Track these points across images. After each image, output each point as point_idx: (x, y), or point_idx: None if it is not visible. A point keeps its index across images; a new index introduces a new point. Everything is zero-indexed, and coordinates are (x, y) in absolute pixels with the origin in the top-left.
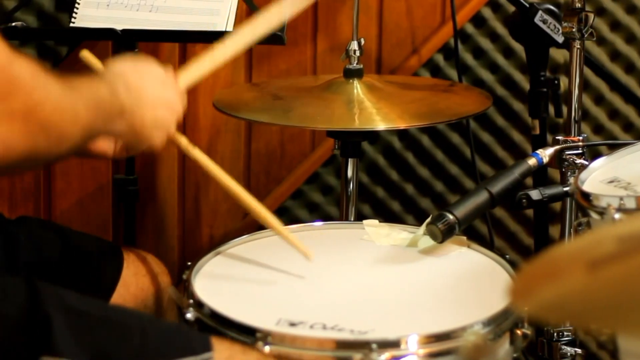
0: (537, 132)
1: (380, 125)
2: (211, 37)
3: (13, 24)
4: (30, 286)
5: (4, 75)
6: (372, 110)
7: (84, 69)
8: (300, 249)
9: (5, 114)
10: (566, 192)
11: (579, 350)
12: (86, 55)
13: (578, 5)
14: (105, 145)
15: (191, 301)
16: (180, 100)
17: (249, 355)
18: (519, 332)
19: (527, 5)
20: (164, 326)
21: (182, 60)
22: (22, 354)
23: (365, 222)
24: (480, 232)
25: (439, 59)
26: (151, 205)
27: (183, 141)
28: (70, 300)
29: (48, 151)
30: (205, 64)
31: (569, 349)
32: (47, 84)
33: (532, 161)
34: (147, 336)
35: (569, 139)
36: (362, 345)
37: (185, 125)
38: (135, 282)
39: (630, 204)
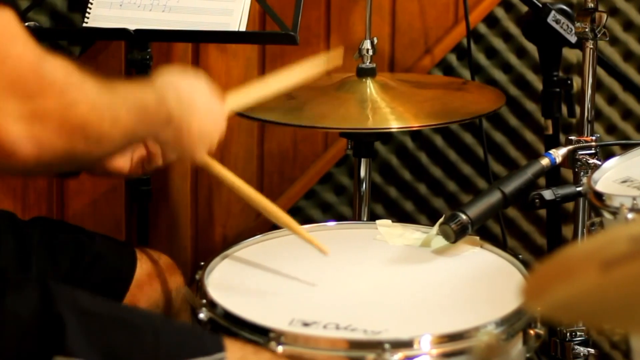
0: (550, 132)
1: (394, 125)
2: (224, 37)
3: (26, 24)
4: (43, 287)
5: (36, 74)
6: (386, 110)
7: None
8: (316, 245)
9: (38, 113)
10: (579, 192)
11: (592, 350)
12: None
13: (591, 5)
14: (121, 163)
15: (204, 301)
16: (225, 117)
17: (262, 356)
18: (531, 332)
19: (540, 5)
20: (177, 326)
21: (195, 60)
22: (35, 355)
23: (378, 222)
24: (493, 232)
25: (452, 59)
26: (164, 205)
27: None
28: (83, 300)
29: (87, 151)
30: (252, 92)
31: (581, 349)
32: (82, 83)
33: (545, 161)
34: (160, 337)
35: (581, 139)
36: (375, 345)
37: None
38: (148, 282)
39: None
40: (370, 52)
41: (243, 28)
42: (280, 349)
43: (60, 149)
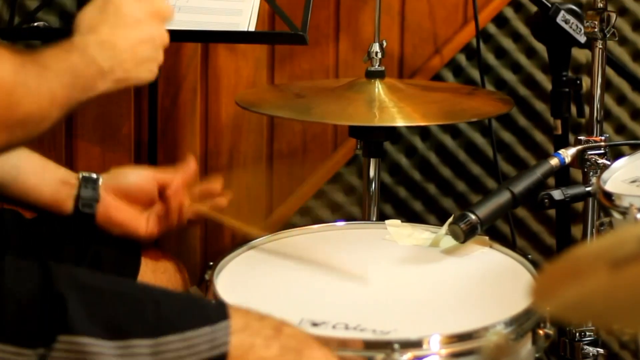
0: (559, 132)
1: (401, 122)
2: (233, 37)
3: (35, 24)
4: (43, 266)
5: None
6: (394, 109)
7: None
8: (351, 274)
9: None
10: (588, 192)
11: (601, 351)
12: None
13: (600, 5)
14: (135, 224)
15: (213, 301)
16: (161, 26)
17: (266, 322)
18: (541, 332)
19: (550, 5)
20: (179, 297)
21: (205, 60)
22: (38, 335)
23: (387, 222)
24: (502, 232)
25: (461, 59)
26: None
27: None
28: (83, 277)
29: (26, 138)
30: None
31: (591, 349)
32: (26, 78)
33: (554, 161)
34: (161, 307)
35: (591, 139)
36: (384, 345)
37: (208, 126)
38: (153, 279)
39: None
40: (379, 55)
41: (252, 28)
42: None
43: (1, 143)
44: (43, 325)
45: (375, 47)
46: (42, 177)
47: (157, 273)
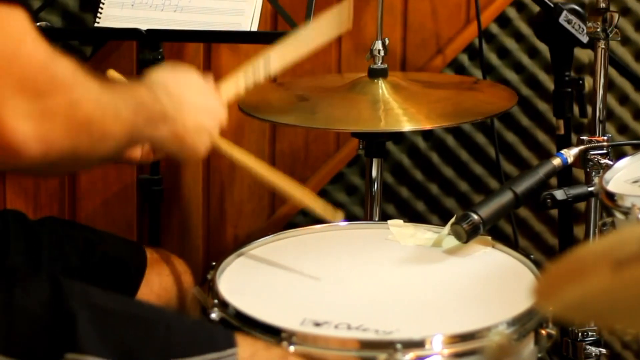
0: (562, 132)
1: (407, 127)
2: (236, 37)
3: (37, 24)
4: (54, 283)
5: (45, 73)
6: (399, 111)
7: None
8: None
9: (46, 111)
10: (591, 192)
11: (603, 350)
12: (113, 74)
13: (602, 5)
14: (132, 149)
15: (216, 301)
16: (223, 107)
17: (272, 352)
18: (543, 332)
19: (552, 5)
20: (188, 322)
21: (207, 60)
22: (46, 352)
23: (389, 222)
24: (504, 232)
25: (464, 59)
26: (176, 205)
27: (224, 145)
28: (94, 296)
29: (91, 149)
30: (246, 76)
31: (593, 349)
32: (87, 82)
33: (556, 161)
34: (171, 332)
35: (593, 139)
36: (387, 345)
37: None
38: (158, 282)
39: None
40: (382, 53)
41: (255, 28)
42: (291, 349)
43: (66, 147)
44: (51, 342)
45: (378, 45)
46: None
47: (162, 275)
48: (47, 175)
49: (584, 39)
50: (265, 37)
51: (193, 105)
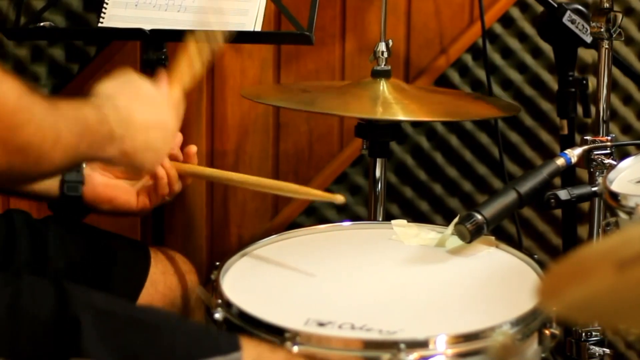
0: (566, 132)
1: (406, 117)
2: (239, 37)
3: (41, 24)
4: (59, 288)
5: None
6: (398, 106)
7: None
8: (326, 197)
9: None
10: (594, 192)
11: (607, 350)
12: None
13: (606, 5)
14: (125, 198)
15: (219, 301)
16: (174, 117)
17: (277, 354)
18: (547, 332)
19: (556, 5)
20: (192, 326)
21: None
22: (51, 356)
23: (393, 222)
24: (508, 232)
25: (467, 59)
26: (180, 205)
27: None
28: (98, 301)
29: (26, 171)
30: (190, 65)
31: (597, 349)
32: (31, 105)
33: (560, 161)
34: (176, 336)
35: (597, 138)
36: (391, 345)
37: (214, 126)
38: (163, 281)
39: None
40: (385, 55)
41: (258, 28)
42: (295, 349)
43: (0, 168)
44: (56, 347)
45: (382, 47)
46: None
47: (166, 274)
48: None
49: (588, 39)
50: (268, 38)
51: (143, 121)
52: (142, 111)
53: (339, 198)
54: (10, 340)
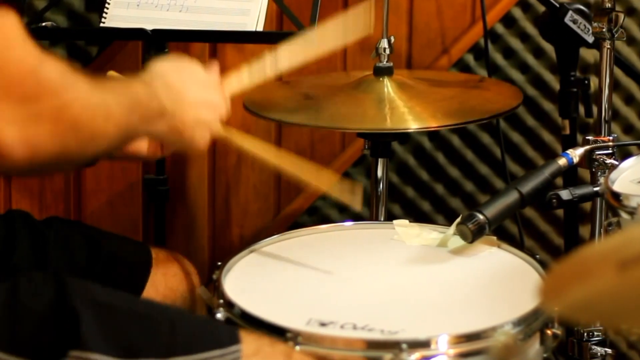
0: (567, 132)
1: (413, 126)
2: (241, 37)
3: (43, 24)
4: (58, 281)
5: (33, 77)
6: (404, 110)
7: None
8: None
9: (33, 115)
10: (596, 192)
11: (609, 351)
12: (113, 74)
13: (608, 5)
14: (138, 146)
15: (221, 301)
16: (224, 101)
17: (277, 348)
18: (549, 332)
19: (557, 5)
20: (192, 319)
21: (213, 60)
22: (50, 349)
23: (395, 222)
24: (510, 232)
25: (469, 59)
26: (181, 205)
27: (231, 136)
28: (98, 294)
29: (81, 150)
30: (251, 72)
31: (599, 349)
32: (76, 83)
33: (562, 161)
34: (175, 329)
35: (599, 139)
36: (393, 345)
37: None
38: (164, 282)
39: None
40: (388, 51)
41: (260, 28)
42: (297, 348)
43: (53, 150)
44: (56, 340)
45: (384, 43)
46: None
47: (168, 275)
48: (40, 175)
49: (590, 39)
50: (270, 37)
51: (193, 99)
52: (194, 89)
53: (357, 202)
54: (10, 333)
